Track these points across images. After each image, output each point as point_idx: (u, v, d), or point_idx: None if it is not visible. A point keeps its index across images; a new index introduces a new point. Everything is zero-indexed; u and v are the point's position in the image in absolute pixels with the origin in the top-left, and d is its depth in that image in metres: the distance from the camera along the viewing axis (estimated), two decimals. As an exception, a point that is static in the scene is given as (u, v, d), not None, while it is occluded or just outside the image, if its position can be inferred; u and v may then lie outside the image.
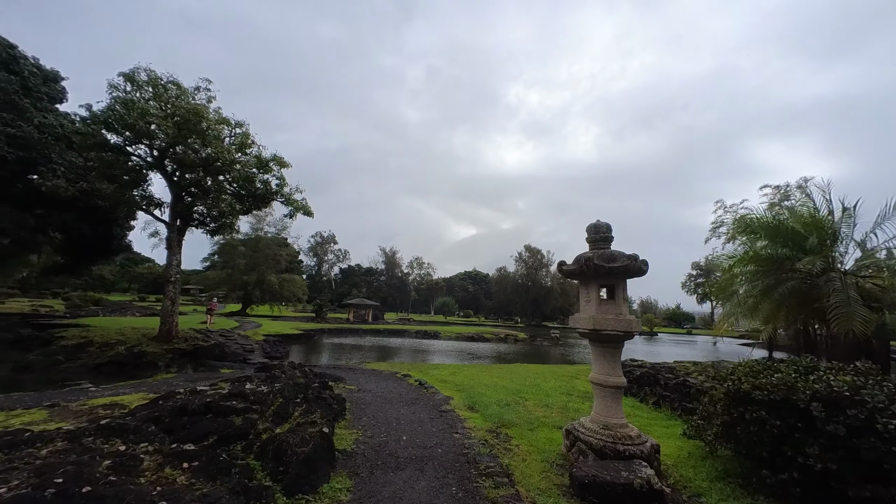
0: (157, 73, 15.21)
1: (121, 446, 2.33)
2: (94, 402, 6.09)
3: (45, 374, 11.70)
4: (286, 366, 8.28)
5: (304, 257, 71.77)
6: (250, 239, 43.41)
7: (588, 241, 4.85)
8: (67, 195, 14.46)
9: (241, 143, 16.60)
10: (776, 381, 3.42)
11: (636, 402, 7.63)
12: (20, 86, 16.24)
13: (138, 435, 2.48)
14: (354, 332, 32.59)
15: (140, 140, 14.82)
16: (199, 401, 3.54)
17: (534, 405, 6.74)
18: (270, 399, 4.07)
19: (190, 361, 13.50)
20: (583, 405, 6.88)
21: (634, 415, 6.38)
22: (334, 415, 5.16)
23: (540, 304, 72.49)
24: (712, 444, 4.08)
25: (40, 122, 16.55)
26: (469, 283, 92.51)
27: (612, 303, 4.49)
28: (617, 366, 4.44)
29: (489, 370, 11.70)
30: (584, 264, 4.42)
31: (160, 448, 2.36)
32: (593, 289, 4.57)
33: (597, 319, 4.33)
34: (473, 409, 6.41)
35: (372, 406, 6.40)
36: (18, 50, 17.17)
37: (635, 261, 4.27)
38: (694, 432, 4.56)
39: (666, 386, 7.24)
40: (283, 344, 20.14)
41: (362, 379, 9.31)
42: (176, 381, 8.71)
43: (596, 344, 4.54)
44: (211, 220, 17.04)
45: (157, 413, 3.29)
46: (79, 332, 15.57)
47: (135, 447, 2.33)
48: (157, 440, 2.51)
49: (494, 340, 31.21)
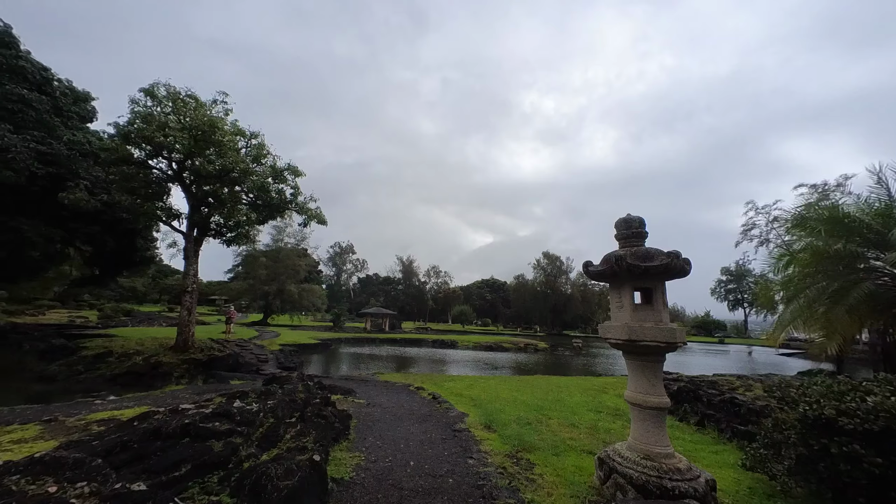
0: (177, 88, 15.61)
1: (51, 487, 1.93)
2: (93, 416, 5.84)
3: (65, 384, 11.81)
4: (294, 378, 7.91)
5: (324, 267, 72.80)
6: (271, 250, 44.31)
7: (618, 239, 4.24)
8: (89, 207, 14.86)
9: (257, 153, 16.78)
10: (872, 405, 2.70)
11: (674, 420, 6.80)
12: (51, 105, 17.01)
13: (78, 471, 2.08)
14: (371, 341, 32.30)
15: (160, 153, 15.17)
16: (177, 422, 3.13)
17: (558, 424, 6.05)
18: (260, 419, 3.63)
19: (203, 372, 13.40)
20: (614, 424, 6.14)
21: (675, 437, 5.60)
22: (335, 435, 4.67)
23: (560, 312, 70.50)
24: (784, 480, 3.33)
25: (69, 140, 17.25)
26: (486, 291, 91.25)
27: (650, 308, 3.85)
28: (658, 382, 3.78)
29: (508, 382, 10.99)
30: (616, 264, 3.81)
31: (99, 490, 1.94)
32: (626, 292, 3.94)
33: (632, 328, 3.70)
34: (490, 427, 5.79)
35: (380, 424, 5.89)
36: (51, 72, 18.08)
37: (676, 258, 3.63)
38: (755, 463, 3.81)
39: (709, 403, 6.40)
40: (299, 354, 19.97)
41: (373, 392, 8.83)
42: (183, 393, 8.48)
43: (632, 357, 3.89)
44: (227, 231, 17.18)
45: (127, 437, 2.90)
46: (102, 342, 15.86)
47: (70, 488, 1.92)
48: (101, 477, 2.10)
49: (513, 350, 30.19)
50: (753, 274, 67.83)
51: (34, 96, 16.20)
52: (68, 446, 2.86)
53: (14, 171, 14.79)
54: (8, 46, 17.02)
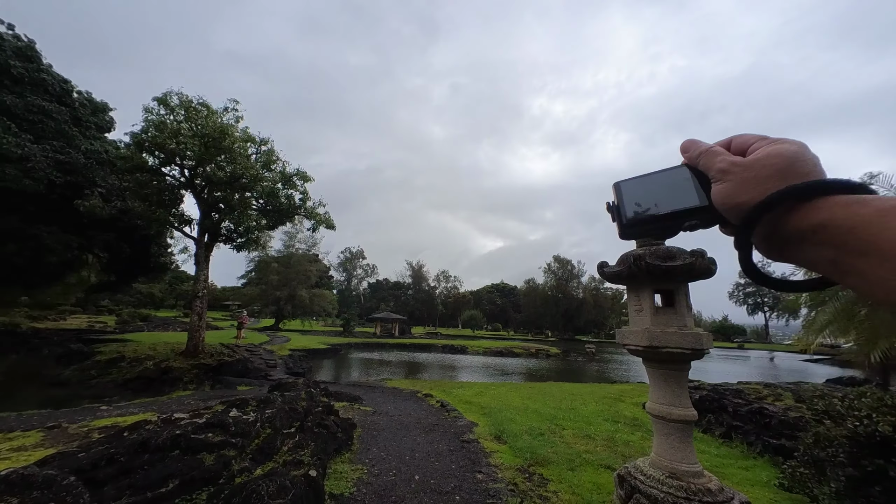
0: (189, 97, 15.88)
1: (14, 509, 1.78)
2: (96, 423, 5.78)
3: (77, 389, 11.92)
4: (300, 384, 7.77)
5: (334, 272, 73.25)
6: (283, 256, 44.78)
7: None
8: (104, 214, 15.13)
9: (267, 159, 16.95)
10: (937, 422, 2.36)
11: (698, 432, 6.38)
12: (70, 116, 17.51)
13: (47, 491, 1.93)
14: (381, 346, 32.16)
15: (172, 160, 15.41)
16: (168, 434, 2.97)
17: (573, 435, 5.72)
18: (256, 430, 3.45)
19: (212, 377, 13.40)
20: (632, 436, 5.78)
21: (700, 450, 5.22)
22: (337, 445, 4.46)
23: (572, 317, 69.41)
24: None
25: (87, 149, 17.71)
26: (497, 295, 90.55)
27: (673, 312, 3.55)
28: (683, 393, 3.46)
29: (519, 389, 10.65)
30: (634, 264, 3.52)
31: (65, 513, 1.78)
32: (646, 295, 3.64)
33: (653, 333, 3.40)
34: (501, 439, 5.50)
35: (385, 433, 5.66)
36: (71, 84, 18.64)
37: (701, 257, 3.33)
38: (793, 483, 3.45)
39: (736, 414, 5.98)
40: (308, 359, 19.92)
41: (380, 399, 8.62)
42: (190, 399, 8.42)
43: (653, 365, 3.59)
44: (237, 236, 17.32)
45: (114, 450, 2.75)
46: (116, 347, 16.07)
47: (35, 510, 1.76)
48: (71, 498, 1.94)
49: (524, 356, 29.65)
50: (775, 276, 65.69)
51: (54, 107, 16.70)
52: (53, 459, 2.72)
53: (34, 179, 15.21)
54: (30, 60, 17.63)
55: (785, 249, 0.43)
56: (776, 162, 0.42)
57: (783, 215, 0.41)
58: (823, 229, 0.38)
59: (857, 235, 0.35)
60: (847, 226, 0.36)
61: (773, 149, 0.43)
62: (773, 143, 0.44)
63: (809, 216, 0.39)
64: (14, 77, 16.27)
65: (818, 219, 0.38)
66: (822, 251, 0.39)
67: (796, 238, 0.41)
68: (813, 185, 0.39)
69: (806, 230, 0.39)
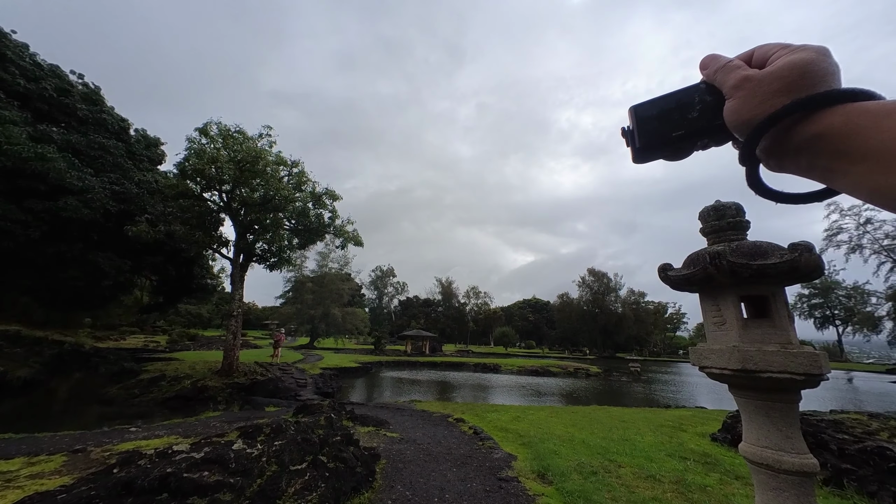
0: (226, 125, 16.82)
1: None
2: (120, 447, 5.62)
3: (121, 407, 12.31)
4: (326, 406, 7.34)
5: (366, 291, 74.36)
6: (317, 275, 46.13)
7: (705, 234, 3.19)
8: (149, 238, 16.03)
9: (298, 181, 17.50)
10: None
11: (790, 474, 5.21)
12: (126, 150, 19.11)
13: None
14: (412, 364, 31.58)
15: (212, 186, 16.23)
16: (157, 472, 2.58)
17: (632, 475, 4.81)
18: (259, 467, 2.99)
19: (243, 397, 13.41)
20: (708, 479, 4.76)
21: (801, 501, 4.15)
22: (356, 483, 3.92)
23: (611, 333, 65.49)
24: None
25: (140, 180, 19.14)
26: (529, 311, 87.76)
27: (769, 324, 2.75)
28: (795, 434, 2.61)
29: (560, 414, 9.63)
30: (711, 264, 2.79)
31: None
32: (729, 303, 2.87)
33: (746, 353, 2.62)
34: (545, 477, 4.71)
35: (412, 466, 5.05)
36: (128, 122, 20.47)
37: (808, 252, 2.56)
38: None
39: (842, 454, 4.80)
40: (339, 378, 19.72)
41: (408, 423, 8.02)
42: (216, 420, 8.26)
43: (748, 394, 2.77)
44: (270, 255, 17.76)
45: (94, 492, 2.39)
46: (161, 366, 16.69)
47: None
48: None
49: (562, 375, 27.85)
50: (844, 286, 58.45)
51: (112, 143, 18.30)
52: (31, 500, 2.39)
53: (91, 208, 16.51)
54: (95, 103, 19.60)
55: (784, 160, 0.43)
56: (787, 74, 0.41)
57: (786, 129, 0.40)
58: (820, 139, 0.38)
59: (851, 142, 0.35)
60: (843, 133, 0.36)
61: (788, 59, 0.41)
62: (791, 52, 0.42)
63: (809, 128, 0.39)
64: (80, 118, 18.07)
65: (816, 130, 0.38)
66: (818, 159, 0.39)
67: (794, 149, 0.41)
68: (817, 98, 0.38)
69: (804, 141, 0.40)
